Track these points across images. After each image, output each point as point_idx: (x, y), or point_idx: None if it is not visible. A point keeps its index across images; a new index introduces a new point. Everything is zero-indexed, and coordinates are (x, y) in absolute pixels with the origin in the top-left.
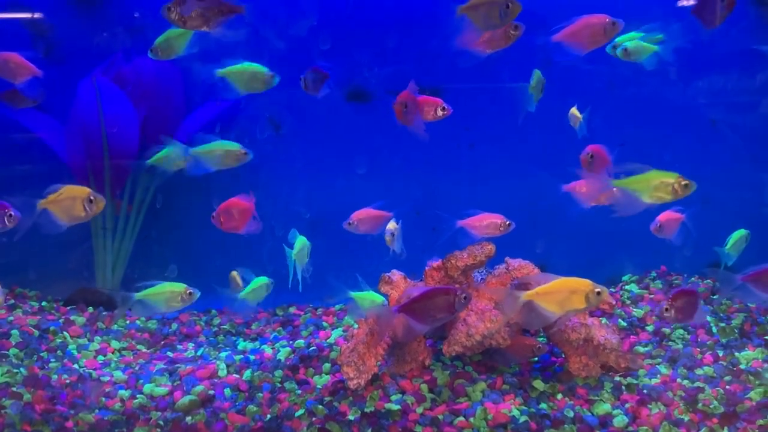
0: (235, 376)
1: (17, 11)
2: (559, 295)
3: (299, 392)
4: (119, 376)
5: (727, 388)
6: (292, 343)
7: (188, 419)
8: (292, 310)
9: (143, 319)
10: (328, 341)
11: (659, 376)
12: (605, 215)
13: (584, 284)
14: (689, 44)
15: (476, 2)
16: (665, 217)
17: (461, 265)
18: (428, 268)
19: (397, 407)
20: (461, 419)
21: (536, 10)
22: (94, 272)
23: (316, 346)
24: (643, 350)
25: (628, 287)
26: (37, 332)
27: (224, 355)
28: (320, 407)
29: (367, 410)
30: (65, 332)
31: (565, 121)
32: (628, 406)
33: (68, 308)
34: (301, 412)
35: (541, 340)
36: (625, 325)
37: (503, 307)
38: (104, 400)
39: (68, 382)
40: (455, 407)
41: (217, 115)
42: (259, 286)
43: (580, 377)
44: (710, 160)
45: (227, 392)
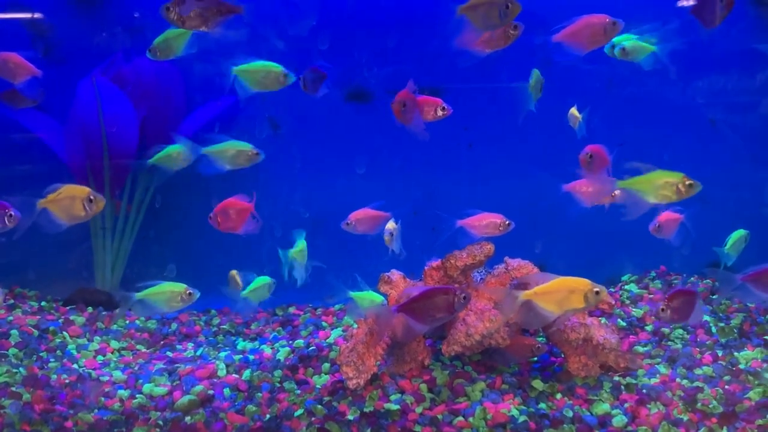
0: (234, 376)
1: (17, 11)
2: (557, 294)
3: (298, 392)
4: (118, 375)
5: (726, 387)
6: (291, 343)
7: (187, 419)
8: (291, 310)
9: (143, 319)
10: (327, 341)
11: (658, 375)
12: (605, 215)
13: (583, 284)
14: (683, 46)
15: (476, 2)
16: (664, 217)
17: (460, 264)
18: (427, 267)
19: (396, 407)
20: (460, 419)
21: (535, 10)
22: (93, 272)
23: (315, 346)
24: (642, 350)
25: (627, 287)
26: (36, 332)
27: (224, 354)
28: (319, 407)
29: (366, 410)
30: (65, 332)
31: (564, 121)
32: (627, 405)
33: (68, 308)
34: (300, 411)
35: (540, 339)
36: (624, 324)
37: (502, 306)
38: (103, 399)
39: (67, 382)
40: (454, 407)
41: (216, 115)
42: (261, 285)
43: (579, 377)
44: (709, 160)
45: (226, 392)
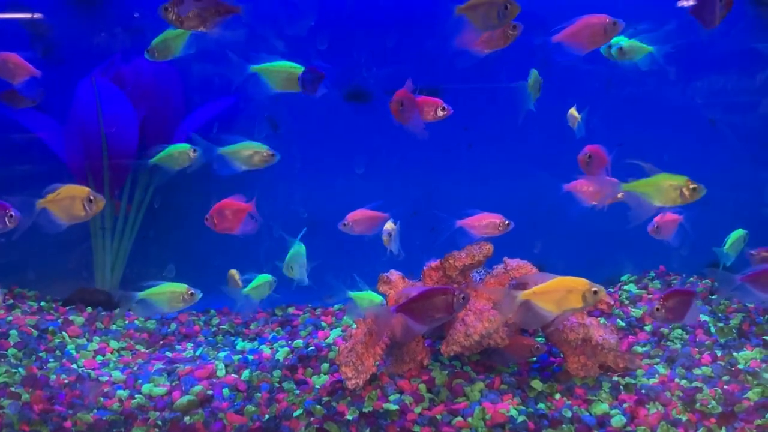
0: (233, 376)
1: (16, 11)
2: (556, 294)
3: (297, 392)
4: (118, 376)
5: (725, 388)
6: (290, 343)
7: (186, 419)
8: (290, 310)
9: (142, 319)
10: (326, 341)
11: (657, 376)
12: (604, 215)
13: (581, 283)
14: (677, 48)
15: (475, 2)
16: (663, 218)
17: (459, 265)
18: (426, 268)
19: (395, 407)
20: (459, 419)
21: (535, 10)
22: (93, 272)
23: (314, 346)
24: (641, 350)
25: (626, 287)
26: (35, 332)
27: (223, 355)
28: (318, 407)
29: (365, 410)
30: (64, 332)
31: (563, 121)
32: (626, 406)
33: (67, 308)
34: (299, 412)
35: (539, 340)
36: (623, 325)
37: (500, 306)
38: (102, 400)
39: (67, 382)
40: (453, 407)
41: (216, 115)
42: (262, 283)
43: (578, 377)
44: (709, 160)
45: (226, 392)
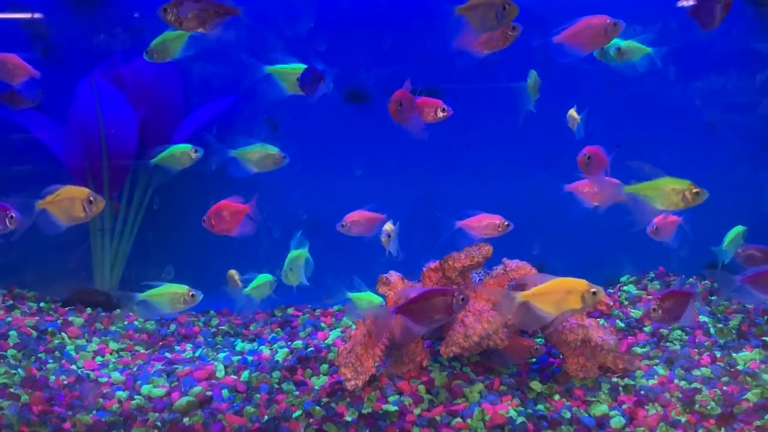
0: (232, 377)
1: (15, 12)
2: (554, 295)
3: (297, 393)
4: (117, 377)
5: (724, 389)
6: (290, 344)
7: (186, 420)
8: (290, 311)
9: (141, 320)
10: (325, 342)
11: (656, 377)
12: (603, 216)
13: (580, 284)
14: (676, 48)
15: (474, 3)
16: (662, 220)
17: (459, 266)
18: (426, 269)
19: (394, 408)
20: (458, 420)
21: (534, 11)
22: (92, 273)
23: (314, 347)
24: (640, 351)
25: (626, 288)
26: (35, 333)
27: (222, 356)
28: (318, 408)
29: (364, 411)
30: (63, 333)
31: (562, 122)
32: (625, 407)
33: (66, 309)
34: (298, 413)
35: (538, 341)
36: (622, 326)
37: (499, 307)
38: (102, 401)
39: (66, 383)
40: (453, 408)
41: (215, 115)
42: (263, 283)
43: (577, 378)
44: (709, 161)
45: (225, 393)
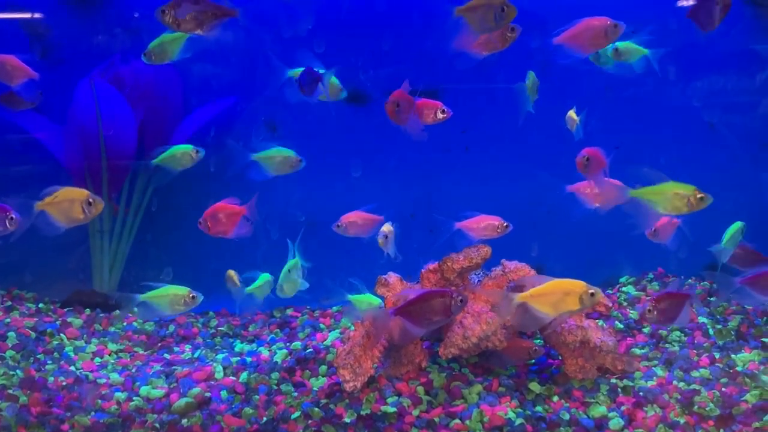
0: (231, 378)
1: (14, 12)
2: (552, 296)
3: (295, 394)
4: (116, 378)
5: (723, 390)
6: (288, 345)
7: (184, 422)
8: (289, 312)
9: (140, 321)
10: (324, 343)
11: (655, 378)
12: (603, 217)
13: (578, 286)
14: (675, 49)
15: (473, 4)
16: (661, 222)
17: (457, 267)
18: (424, 270)
19: (393, 410)
20: (457, 421)
21: (533, 12)
22: (91, 274)
23: (312, 348)
24: (639, 352)
25: (625, 289)
26: (33, 334)
27: (221, 357)
28: (316, 410)
29: (363, 413)
30: (62, 334)
31: (561, 123)
32: (624, 408)
33: (65, 310)
34: (297, 414)
35: (537, 342)
36: (621, 327)
37: (498, 309)
38: (100, 402)
39: (65, 384)
40: (451, 410)
41: (215, 116)
42: (264, 282)
43: (576, 379)
44: (708, 161)
45: (224, 394)
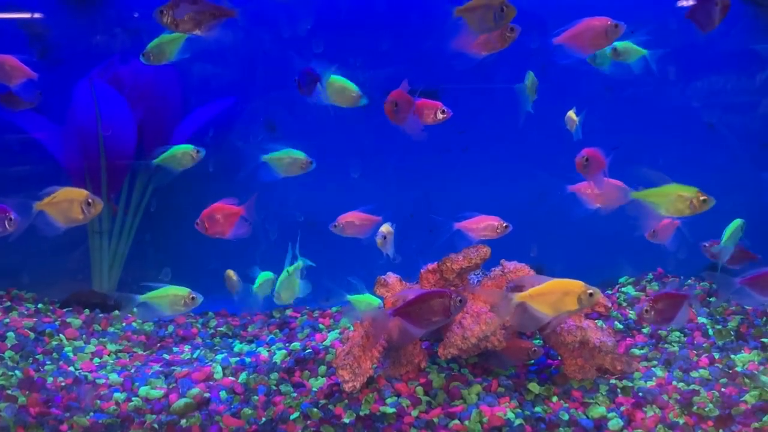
0: (230, 378)
1: (13, 12)
2: (551, 296)
3: (294, 395)
4: (115, 378)
5: (722, 390)
6: (288, 345)
7: (183, 422)
8: (288, 312)
9: (139, 321)
10: (323, 344)
11: (655, 378)
12: (602, 217)
13: (577, 286)
14: (673, 49)
15: (472, 4)
16: (660, 223)
17: (456, 267)
18: (423, 270)
19: (392, 410)
20: (456, 422)
21: (533, 12)
22: (90, 274)
23: (311, 348)
24: (638, 353)
25: (624, 289)
26: (32, 334)
27: (220, 357)
28: (315, 410)
29: (362, 413)
30: (61, 334)
31: (561, 123)
32: (623, 409)
33: (64, 310)
34: (296, 415)
35: (537, 342)
36: (621, 327)
37: (496, 309)
38: (99, 402)
39: (63, 384)
40: (450, 410)
41: (214, 117)
42: (266, 280)
43: (575, 380)
44: (707, 162)
45: (223, 395)
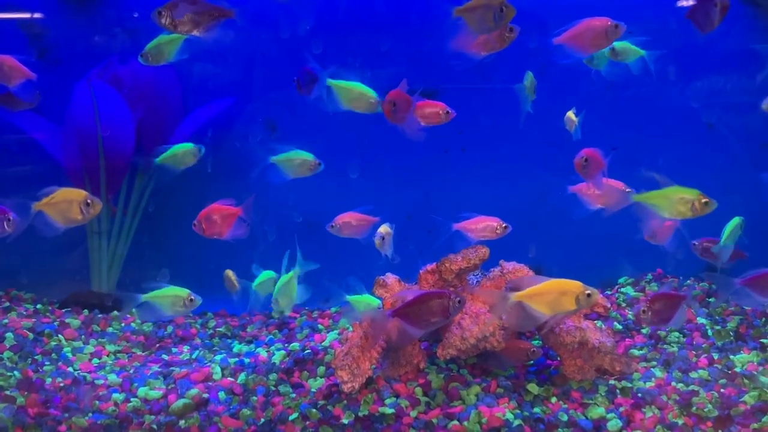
0: (229, 379)
1: (12, 12)
2: (549, 296)
3: (293, 396)
4: (113, 379)
5: (721, 391)
6: (287, 346)
7: (182, 423)
8: (287, 312)
9: (138, 321)
10: (322, 344)
11: (654, 379)
12: (602, 218)
13: (574, 286)
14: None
15: (472, 5)
16: (659, 223)
17: (455, 268)
18: (422, 271)
19: (391, 411)
20: (455, 423)
21: (532, 12)
22: (89, 275)
23: (310, 349)
24: (638, 353)
25: (623, 290)
26: (31, 335)
27: (219, 358)
28: (314, 411)
29: (361, 414)
30: (60, 335)
31: (560, 123)
32: (622, 409)
33: (63, 311)
34: (294, 415)
35: (536, 343)
36: (620, 327)
37: (493, 308)
38: (98, 403)
39: (62, 385)
40: (449, 411)
41: (213, 117)
42: (267, 279)
43: (574, 380)
44: (707, 162)
45: (221, 395)
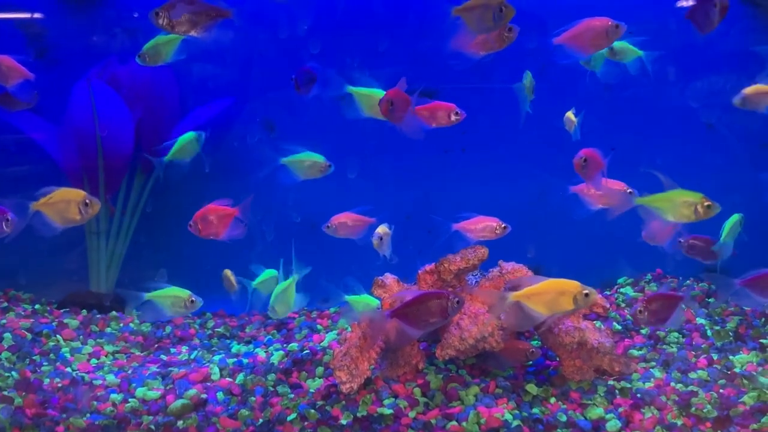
0: (228, 379)
1: (10, 12)
2: (547, 296)
3: (292, 396)
4: (112, 379)
5: (720, 392)
6: (285, 346)
7: (180, 423)
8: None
9: (137, 322)
10: (321, 345)
11: (653, 379)
12: (601, 218)
13: (572, 286)
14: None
15: (471, 4)
16: (658, 224)
17: (454, 268)
18: (421, 271)
19: (389, 411)
20: (454, 423)
21: (532, 12)
22: (87, 275)
23: (309, 349)
24: (637, 354)
25: (623, 290)
26: (29, 335)
27: (218, 358)
28: (312, 411)
29: (359, 414)
30: (58, 335)
31: (560, 123)
32: (621, 410)
33: (62, 311)
34: (293, 416)
35: (535, 343)
36: (619, 328)
37: (491, 307)
38: (96, 404)
39: (60, 385)
40: (448, 411)
41: (211, 117)
42: (269, 278)
43: (573, 381)
44: (706, 163)
45: (220, 396)
